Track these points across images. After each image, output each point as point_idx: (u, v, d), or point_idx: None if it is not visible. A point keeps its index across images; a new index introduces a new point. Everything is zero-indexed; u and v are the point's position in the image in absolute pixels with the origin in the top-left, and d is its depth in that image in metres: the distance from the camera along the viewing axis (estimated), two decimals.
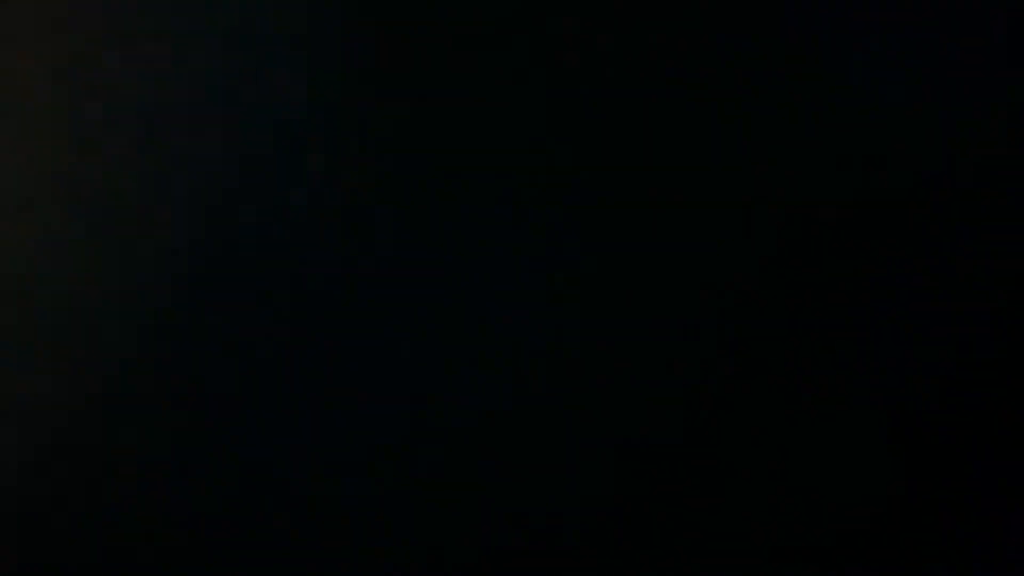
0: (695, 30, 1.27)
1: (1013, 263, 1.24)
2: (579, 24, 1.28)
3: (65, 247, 1.31)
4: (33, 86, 1.32)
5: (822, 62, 1.26)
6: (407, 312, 1.28)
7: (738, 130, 1.27)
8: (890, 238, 1.25)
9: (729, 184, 1.27)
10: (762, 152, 1.26)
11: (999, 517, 1.22)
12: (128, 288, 1.30)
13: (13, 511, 1.30)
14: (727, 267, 1.26)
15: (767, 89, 1.27)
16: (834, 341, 1.25)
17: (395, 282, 1.29)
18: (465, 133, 1.29)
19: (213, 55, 1.31)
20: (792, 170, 1.26)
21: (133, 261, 1.30)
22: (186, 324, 1.30)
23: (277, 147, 1.30)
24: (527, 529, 1.26)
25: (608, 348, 1.27)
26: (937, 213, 1.25)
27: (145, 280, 1.30)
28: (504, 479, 1.27)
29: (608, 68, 1.28)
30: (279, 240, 1.29)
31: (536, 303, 1.27)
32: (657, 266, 1.27)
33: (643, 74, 1.28)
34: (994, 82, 1.25)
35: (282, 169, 1.30)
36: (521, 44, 1.29)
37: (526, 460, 1.27)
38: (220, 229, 1.30)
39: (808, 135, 1.26)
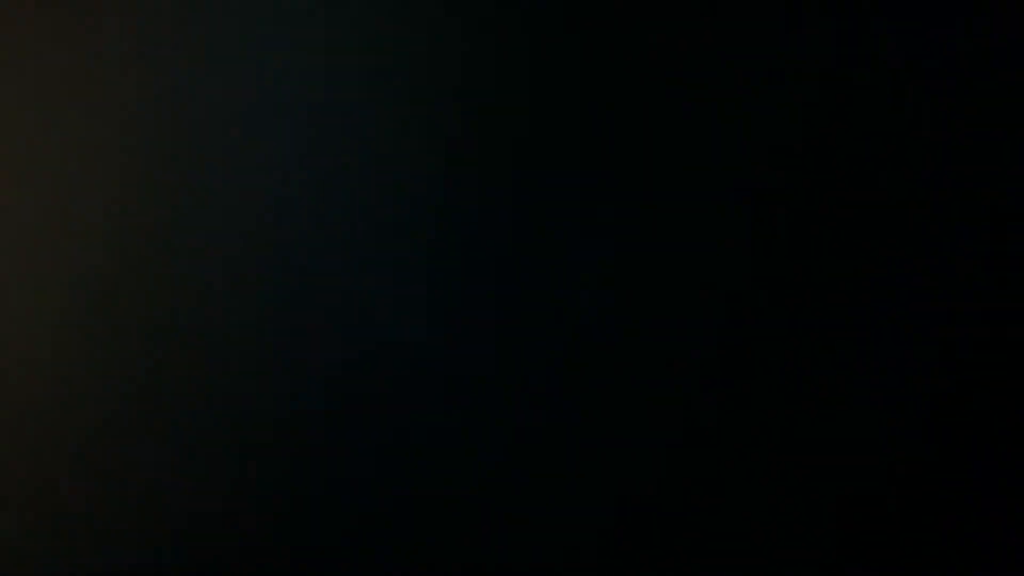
0: (696, 29, 1.27)
1: (1013, 263, 1.24)
2: (582, 24, 1.28)
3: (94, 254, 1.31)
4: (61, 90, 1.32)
5: (822, 62, 1.26)
6: (403, 312, 1.28)
7: (739, 130, 1.27)
8: (890, 238, 1.25)
9: (731, 184, 1.26)
10: (763, 152, 1.26)
11: (999, 517, 1.22)
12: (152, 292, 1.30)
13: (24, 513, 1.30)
14: (729, 268, 1.26)
15: (767, 89, 1.27)
16: (834, 341, 1.25)
17: (393, 282, 1.29)
18: (474, 132, 1.29)
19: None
20: (792, 170, 1.26)
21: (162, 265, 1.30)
22: (207, 329, 1.30)
23: (282, 149, 1.30)
24: (531, 531, 1.26)
25: (608, 349, 1.27)
26: (937, 213, 1.25)
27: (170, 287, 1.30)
28: (504, 480, 1.27)
29: (602, 69, 1.28)
30: (284, 243, 1.29)
31: (535, 305, 1.27)
32: (659, 267, 1.27)
33: (641, 75, 1.28)
34: (994, 82, 1.25)
35: (285, 172, 1.30)
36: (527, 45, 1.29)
37: (528, 461, 1.27)
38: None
39: (809, 134, 1.26)
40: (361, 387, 1.28)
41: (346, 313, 1.28)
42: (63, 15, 1.32)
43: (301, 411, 1.28)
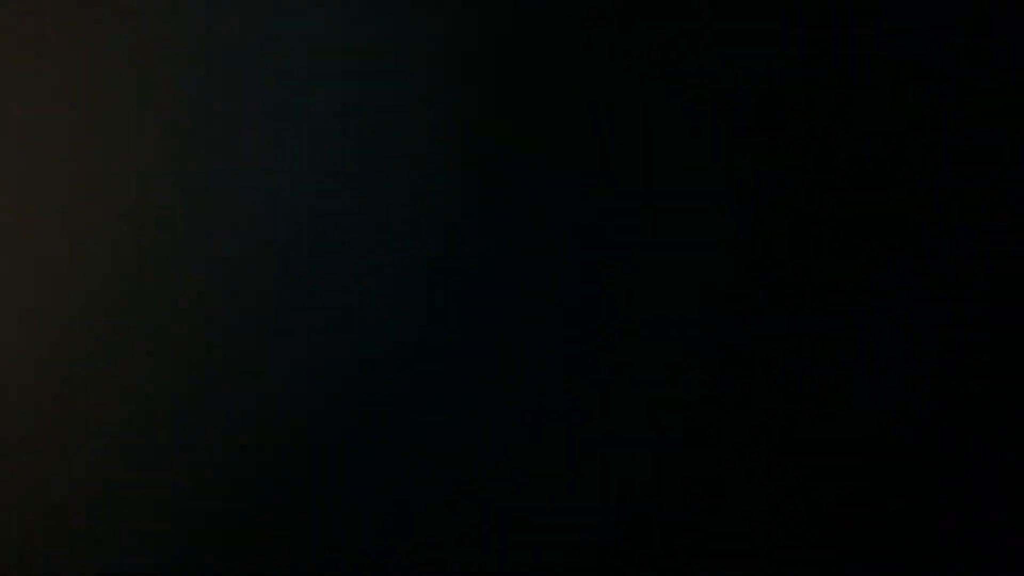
0: (695, 30, 1.27)
1: (1013, 263, 1.24)
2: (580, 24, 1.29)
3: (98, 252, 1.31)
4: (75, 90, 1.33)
5: (821, 61, 1.26)
6: (397, 312, 1.28)
7: (739, 130, 1.27)
8: (890, 238, 1.25)
9: (731, 184, 1.27)
10: (763, 152, 1.26)
11: (999, 517, 1.22)
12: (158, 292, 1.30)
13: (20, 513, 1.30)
14: (728, 267, 1.26)
15: (767, 89, 1.27)
16: (834, 341, 1.25)
17: (393, 282, 1.29)
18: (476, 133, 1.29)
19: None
20: (792, 170, 1.26)
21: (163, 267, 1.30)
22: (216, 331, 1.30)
23: (283, 143, 1.31)
24: (531, 531, 1.26)
25: (608, 349, 1.27)
26: (937, 213, 1.25)
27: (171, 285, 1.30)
28: (504, 480, 1.27)
29: (602, 69, 1.28)
30: (284, 244, 1.30)
31: (535, 305, 1.28)
32: (659, 267, 1.27)
33: (640, 75, 1.28)
34: (994, 82, 1.25)
35: (290, 165, 1.30)
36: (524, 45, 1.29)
37: (528, 461, 1.27)
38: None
39: (808, 134, 1.26)
40: (361, 387, 1.28)
41: (346, 313, 1.28)
42: (63, 15, 1.32)
43: (301, 411, 1.28)
